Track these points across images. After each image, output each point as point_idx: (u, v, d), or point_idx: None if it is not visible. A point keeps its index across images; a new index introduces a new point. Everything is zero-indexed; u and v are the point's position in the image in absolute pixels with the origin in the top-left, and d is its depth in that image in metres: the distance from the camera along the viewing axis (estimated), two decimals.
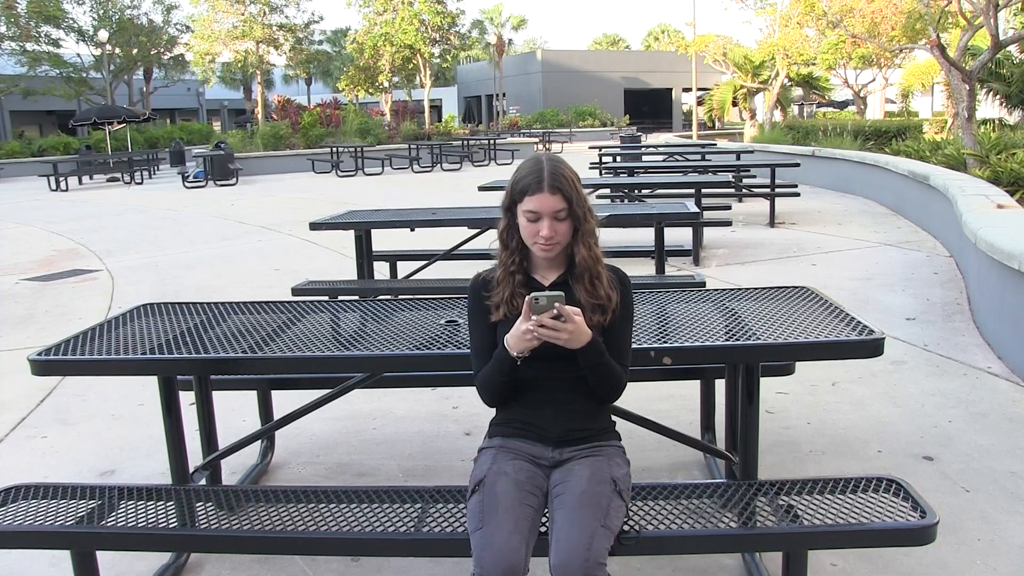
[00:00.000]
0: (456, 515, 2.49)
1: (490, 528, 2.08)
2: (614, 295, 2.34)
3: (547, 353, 2.22)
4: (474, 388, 2.45)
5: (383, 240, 7.05)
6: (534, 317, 2.13)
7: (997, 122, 18.32)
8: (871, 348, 2.60)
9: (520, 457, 2.32)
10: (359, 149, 23.94)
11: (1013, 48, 17.79)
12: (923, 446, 3.79)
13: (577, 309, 2.18)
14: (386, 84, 43.96)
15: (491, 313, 2.35)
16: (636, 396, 2.68)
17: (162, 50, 43.71)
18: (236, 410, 4.12)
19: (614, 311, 2.33)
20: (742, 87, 34.39)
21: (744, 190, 12.28)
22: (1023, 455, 3.66)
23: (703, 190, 9.54)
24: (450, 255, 6.71)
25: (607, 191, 10.89)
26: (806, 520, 2.38)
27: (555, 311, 2.13)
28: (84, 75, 40.07)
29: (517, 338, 2.19)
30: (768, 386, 3.28)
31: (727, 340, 2.72)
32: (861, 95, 37.02)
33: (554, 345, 2.19)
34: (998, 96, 19.52)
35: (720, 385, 3.41)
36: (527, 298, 2.15)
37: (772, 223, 10.61)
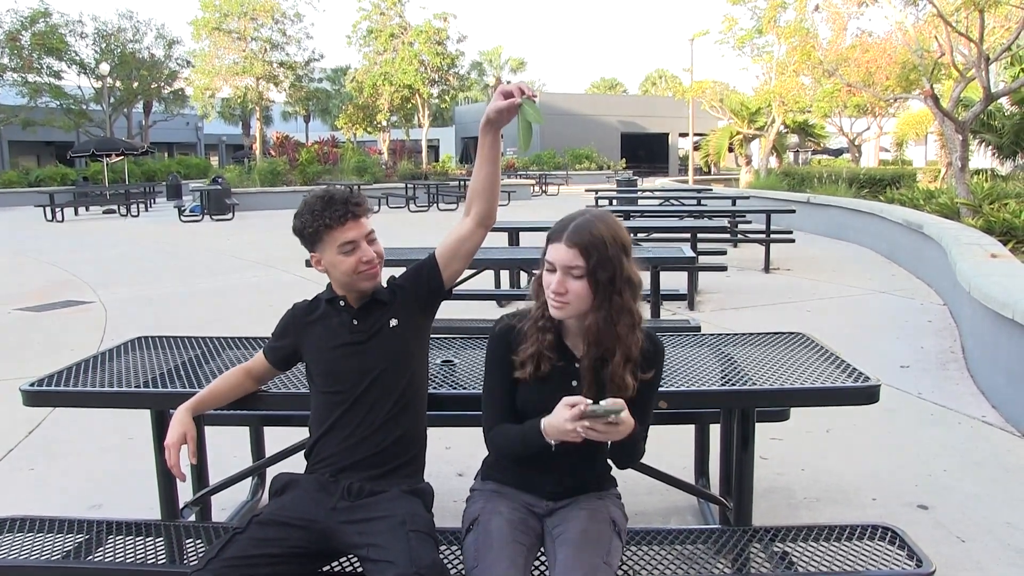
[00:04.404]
0: (449, 558, 2.46)
1: (486, 566, 2.06)
2: (630, 381, 2.15)
3: None
4: (467, 430, 2.44)
5: None
6: (586, 422, 1.96)
7: (990, 172, 18.52)
8: (867, 395, 2.60)
9: (515, 501, 2.29)
10: (356, 187, 24.02)
11: (1004, 100, 18.02)
12: (918, 495, 3.77)
13: (629, 419, 2.00)
14: (384, 123, 44.30)
15: (515, 368, 2.21)
16: None
17: (162, 84, 44.15)
18: (228, 446, 4.08)
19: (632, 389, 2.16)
20: (738, 133, 34.75)
21: (740, 235, 12.34)
22: (1019, 505, 3.65)
23: (699, 235, 9.58)
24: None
25: None
26: (801, 567, 2.36)
27: (611, 419, 1.97)
28: (84, 107, 40.42)
29: (560, 432, 2.02)
30: (762, 432, 3.27)
31: (723, 385, 2.71)
32: (856, 143, 37.43)
33: None
34: (990, 147, 19.75)
35: (715, 430, 3.40)
36: (587, 407, 1.96)
37: (767, 269, 10.64)
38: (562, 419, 1.99)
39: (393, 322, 2.46)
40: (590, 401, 1.98)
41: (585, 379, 2.19)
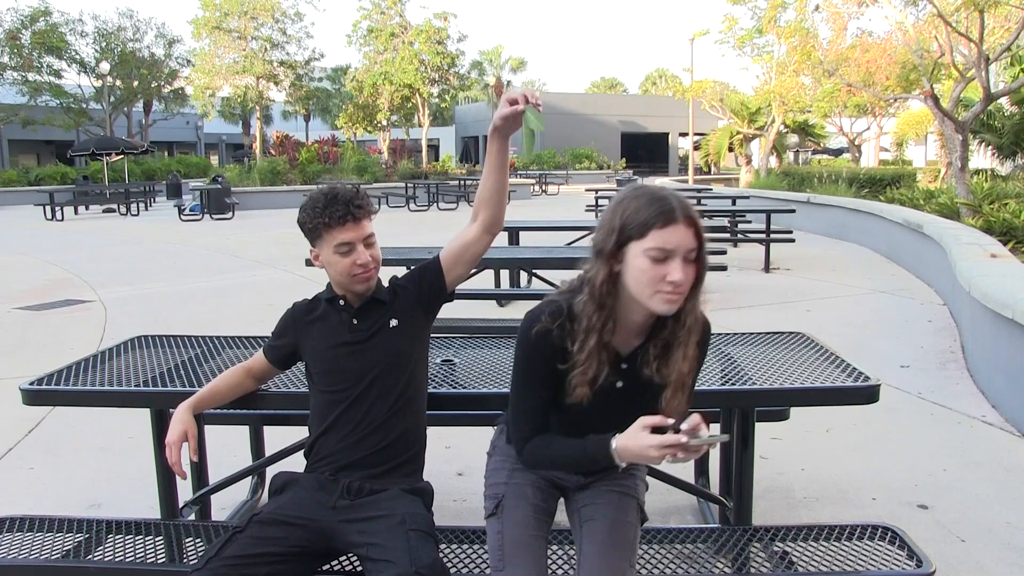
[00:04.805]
0: (458, 556, 2.46)
1: (513, 567, 2.01)
2: (695, 371, 2.03)
3: (621, 419, 1.93)
4: (467, 429, 2.43)
5: None
6: (680, 453, 1.80)
7: (990, 172, 18.52)
8: (867, 395, 2.60)
9: (552, 481, 2.21)
10: (356, 187, 23.96)
11: (1004, 100, 18.02)
12: (918, 494, 3.77)
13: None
14: (384, 122, 44.29)
15: (559, 382, 2.00)
16: None
17: (162, 83, 44.15)
18: (227, 445, 4.08)
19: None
20: (738, 133, 34.73)
21: (740, 235, 12.33)
22: (1018, 505, 3.65)
23: None
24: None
25: None
26: (800, 567, 2.36)
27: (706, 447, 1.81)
28: (84, 106, 40.41)
29: (641, 457, 1.85)
30: (762, 431, 3.27)
31: (722, 385, 2.71)
32: (856, 143, 37.44)
33: (630, 410, 1.94)
34: (990, 147, 19.74)
35: (714, 430, 3.40)
36: (690, 440, 1.78)
37: (767, 268, 10.64)
38: (645, 445, 1.81)
39: (393, 322, 2.46)
40: (669, 421, 1.83)
41: (671, 390, 1.99)
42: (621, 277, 1.88)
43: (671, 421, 1.83)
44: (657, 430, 1.83)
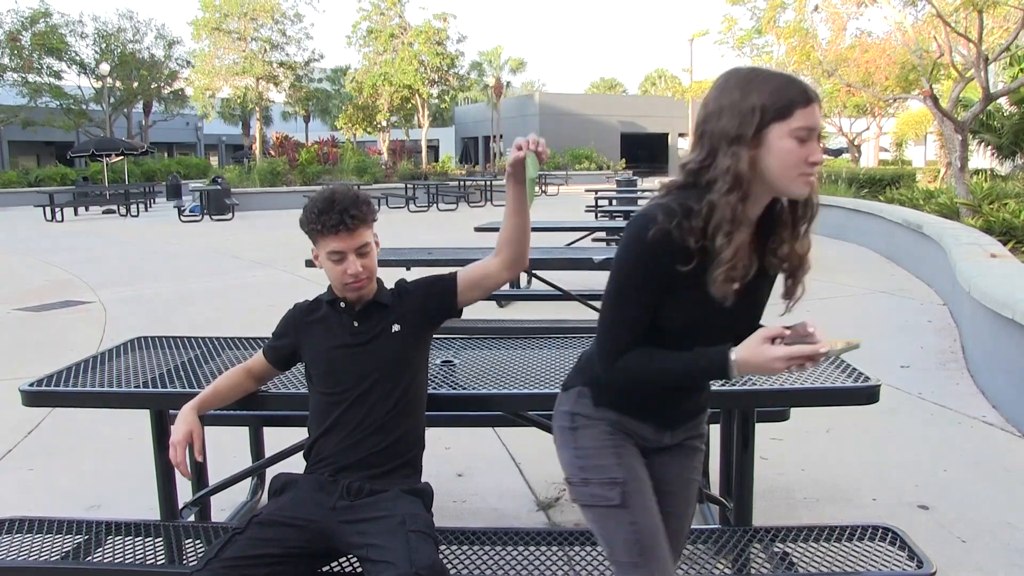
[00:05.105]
0: (457, 557, 2.46)
1: (656, 565, 1.88)
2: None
3: (722, 330, 1.85)
4: (468, 430, 2.42)
5: None
6: (808, 364, 1.76)
7: (989, 172, 18.51)
8: (867, 395, 2.60)
9: (634, 440, 2.00)
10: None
11: (1003, 100, 18.01)
12: (918, 495, 3.77)
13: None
14: (384, 123, 44.30)
15: (669, 290, 1.81)
16: None
17: (162, 84, 44.15)
18: (227, 446, 4.08)
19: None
20: None
21: None
22: (1019, 505, 3.64)
23: None
24: None
25: (603, 234, 10.92)
26: (801, 568, 2.36)
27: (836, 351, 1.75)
28: (84, 107, 40.41)
29: (763, 369, 1.76)
30: (762, 432, 3.26)
31: (723, 385, 2.71)
32: (855, 143, 37.38)
33: (736, 317, 1.86)
34: (990, 147, 19.74)
35: (714, 430, 3.40)
36: (824, 348, 1.75)
37: None
38: (770, 357, 1.73)
39: (395, 327, 2.46)
40: (786, 332, 1.77)
41: (797, 275, 1.95)
42: (758, 163, 1.75)
43: (788, 332, 1.76)
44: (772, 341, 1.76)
